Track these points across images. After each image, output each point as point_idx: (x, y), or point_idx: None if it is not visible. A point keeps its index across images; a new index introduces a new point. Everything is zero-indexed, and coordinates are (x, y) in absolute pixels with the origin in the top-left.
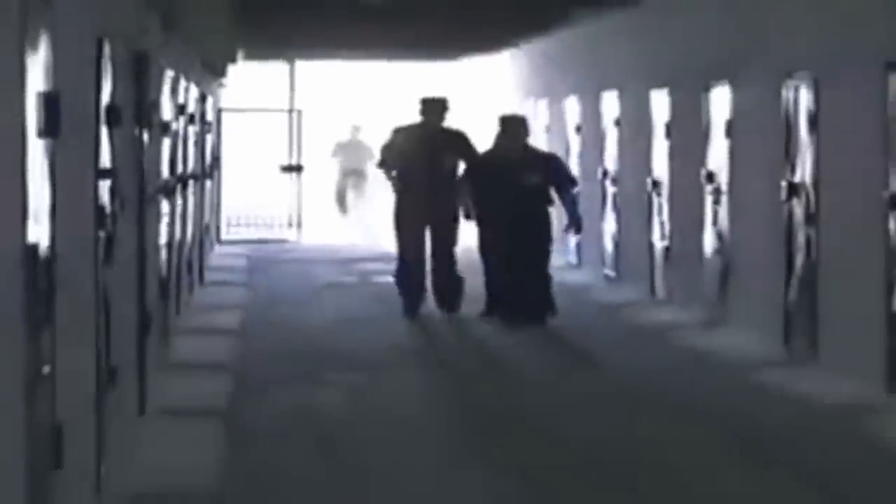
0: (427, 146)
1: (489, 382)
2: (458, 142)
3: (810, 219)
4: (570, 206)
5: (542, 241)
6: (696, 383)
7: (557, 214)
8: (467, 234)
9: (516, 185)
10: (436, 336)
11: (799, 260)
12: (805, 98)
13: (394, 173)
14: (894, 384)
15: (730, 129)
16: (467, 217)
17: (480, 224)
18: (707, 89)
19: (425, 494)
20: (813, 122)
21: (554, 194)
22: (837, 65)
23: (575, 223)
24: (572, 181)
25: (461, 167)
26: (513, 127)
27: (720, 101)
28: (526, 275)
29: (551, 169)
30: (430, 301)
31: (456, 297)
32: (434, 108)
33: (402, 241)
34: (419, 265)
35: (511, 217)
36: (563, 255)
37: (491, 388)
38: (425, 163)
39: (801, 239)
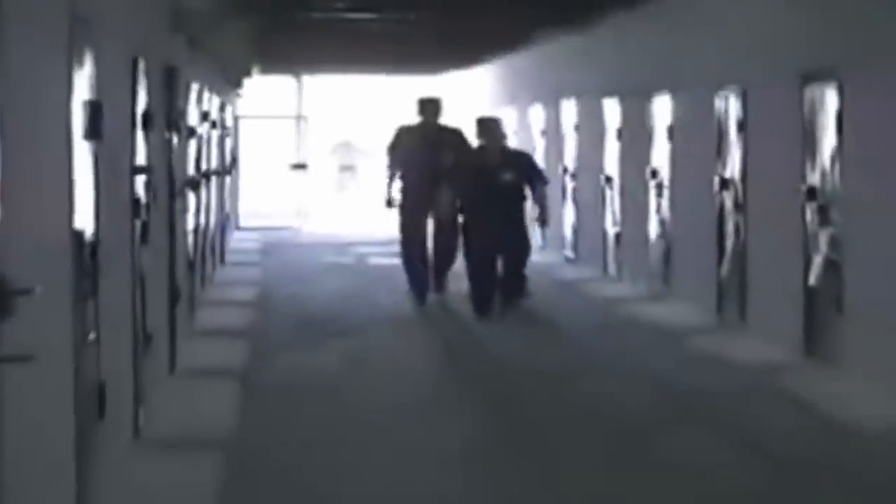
0: (428, 142)
1: (466, 342)
2: (456, 137)
3: (738, 208)
4: (540, 200)
5: (519, 232)
6: (639, 346)
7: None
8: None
9: (494, 181)
10: (421, 307)
11: (729, 242)
12: (734, 106)
13: (398, 171)
14: (810, 347)
15: (671, 133)
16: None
17: (464, 216)
18: (651, 98)
19: (414, 430)
20: (741, 126)
21: (527, 190)
22: (761, 78)
23: (543, 216)
24: (543, 179)
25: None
26: (489, 128)
27: (662, 108)
28: (505, 263)
29: (525, 167)
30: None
31: (444, 277)
32: (431, 107)
33: (406, 231)
34: (422, 253)
35: (490, 210)
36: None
37: (467, 347)
38: (427, 158)
39: (730, 225)
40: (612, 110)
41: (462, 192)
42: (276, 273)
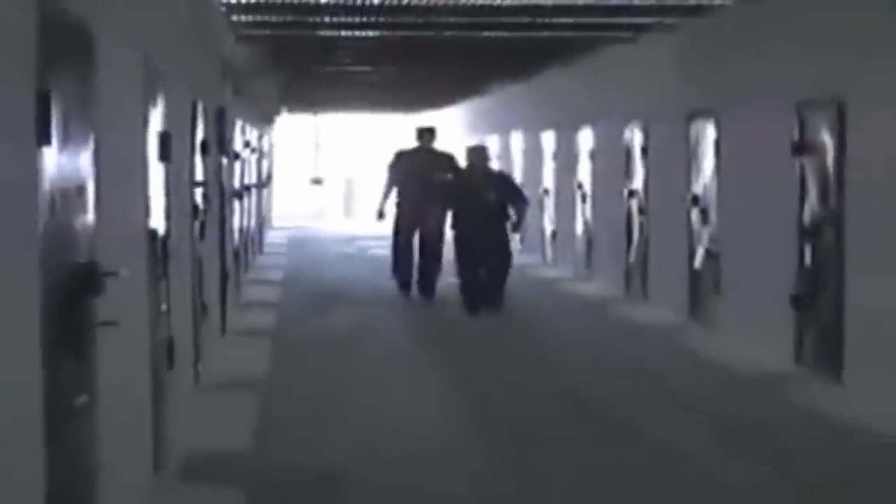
0: (423, 164)
1: (443, 311)
2: (447, 161)
3: (642, 211)
4: (518, 215)
5: (502, 247)
6: (570, 313)
7: None
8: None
9: (479, 200)
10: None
11: (635, 237)
12: (638, 136)
13: (395, 188)
14: (694, 313)
15: (592, 156)
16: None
17: (454, 231)
18: (577, 130)
19: (402, 368)
20: (643, 151)
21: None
22: (658, 115)
23: (518, 225)
24: (523, 199)
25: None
26: (477, 154)
27: (586, 138)
28: (488, 272)
29: (507, 188)
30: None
31: (432, 289)
32: (427, 134)
33: (398, 241)
34: (409, 251)
35: (476, 225)
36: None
37: (444, 315)
38: (422, 177)
39: (636, 224)
40: (548, 139)
41: (451, 209)
42: (299, 260)
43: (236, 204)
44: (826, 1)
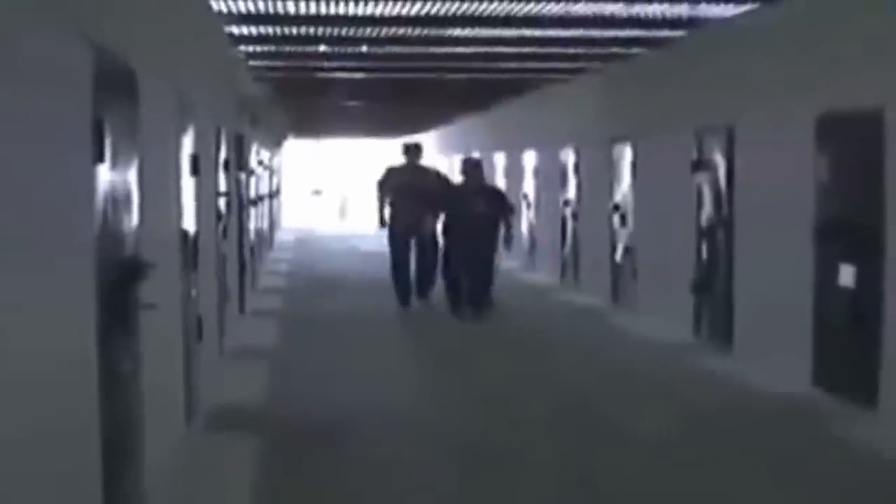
0: (412, 179)
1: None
2: (434, 177)
3: (575, 216)
4: (507, 229)
5: (488, 256)
6: (518, 296)
7: None
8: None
9: (470, 211)
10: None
11: (569, 237)
12: (571, 157)
13: (388, 200)
14: (616, 298)
15: (535, 173)
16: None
17: (444, 239)
18: (523, 152)
19: (387, 339)
20: (576, 168)
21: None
22: (587, 141)
23: (507, 237)
24: (511, 211)
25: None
26: (472, 167)
27: (530, 158)
28: (474, 276)
29: (497, 201)
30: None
31: (429, 288)
32: (414, 150)
33: (394, 251)
34: (406, 268)
35: (466, 235)
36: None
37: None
38: (411, 192)
39: (570, 226)
40: (500, 159)
41: (444, 216)
42: (303, 255)
43: (252, 210)
44: (719, 51)
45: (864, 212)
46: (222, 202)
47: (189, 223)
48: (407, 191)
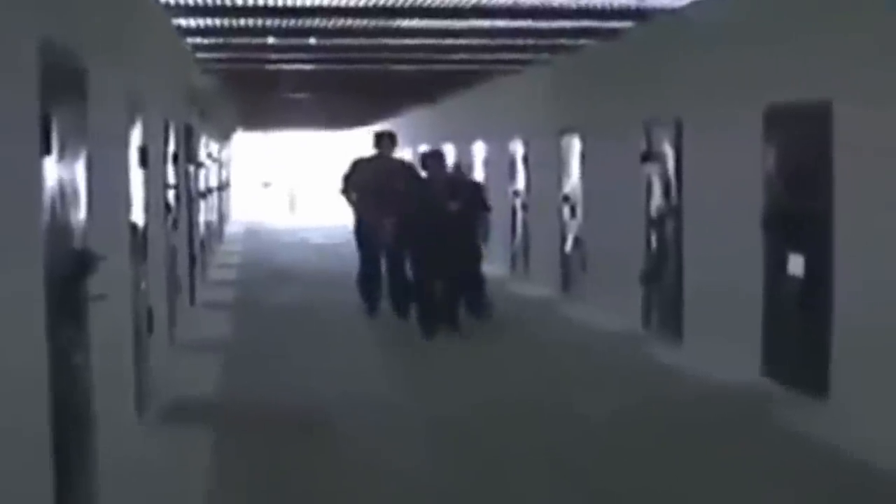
0: (381, 174)
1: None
2: (406, 171)
3: (525, 207)
4: (482, 226)
5: (468, 258)
6: None
7: None
8: None
9: (440, 211)
10: (350, 267)
11: (519, 228)
12: (520, 148)
13: (354, 197)
14: (566, 288)
15: (485, 164)
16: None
17: (411, 245)
18: (472, 143)
19: (340, 330)
20: (525, 160)
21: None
22: (536, 132)
23: (482, 236)
24: (486, 206)
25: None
26: (432, 160)
27: (479, 150)
28: (450, 286)
29: (472, 195)
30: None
31: (407, 298)
32: (385, 140)
33: (363, 255)
34: (377, 272)
35: (436, 238)
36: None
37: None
38: (380, 187)
39: (520, 217)
40: (450, 151)
41: (408, 222)
42: (252, 247)
43: (201, 203)
44: (667, 43)
45: (812, 202)
46: (171, 194)
47: (138, 215)
48: (374, 188)
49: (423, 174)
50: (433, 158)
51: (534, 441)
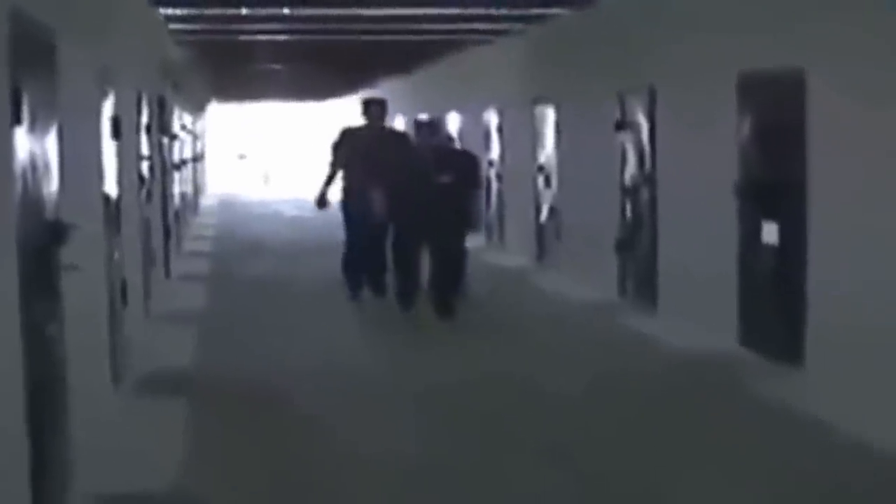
0: (373, 144)
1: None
2: (400, 141)
3: (499, 178)
4: (473, 203)
5: (454, 233)
6: None
7: None
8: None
9: (430, 183)
10: (324, 239)
11: (493, 198)
12: (495, 118)
13: (342, 170)
14: (540, 258)
15: (460, 134)
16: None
17: (395, 217)
18: (447, 114)
19: (312, 301)
20: (499, 129)
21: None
22: (510, 102)
23: (474, 218)
24: (477, 182)
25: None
26: (426, 133)
27: (454, 120)
28: (439, 262)
29: (466, 168)
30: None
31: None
32: (375, 108)
33: (350, 234)
34: (361, 257)
35: (422, 211)
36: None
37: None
38: (371, 159)
39: (494, 188)
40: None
41: (395, 194)
42: (227, 219)
43: (175, 175)
44: (640, 11)
45: (786, 170)
46: (145, 166)
47: (111, 187)
48: (363, 159)
49: (417, 144)
50: (427, 128)
51: (510, 414)
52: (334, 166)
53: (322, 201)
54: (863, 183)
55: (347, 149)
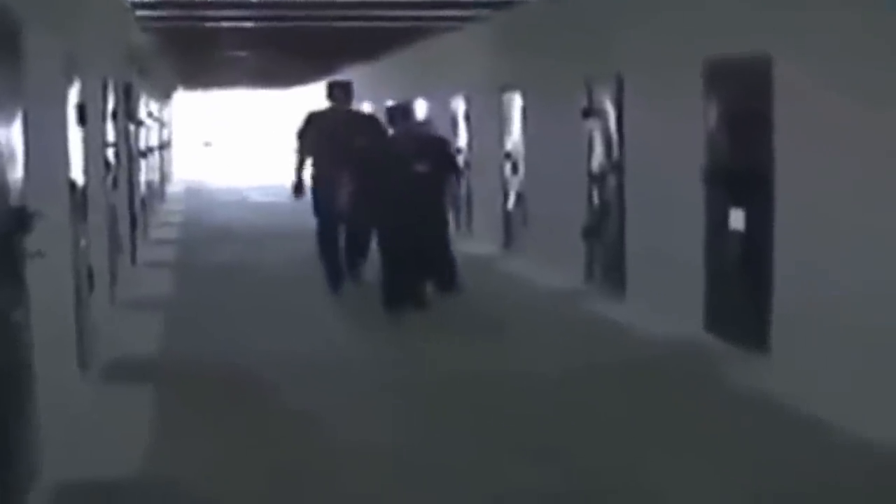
0: (340, 128)
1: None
2: (369, 124)
3: (467, 165)
4: (451, 189)
5: (435, 222)
6: None
7: None
8: None
9: (406, 171)
10: (290, 224)
11: (464, 187)
12: (462, 105)
13: (309, 159)
14: (507, 245)
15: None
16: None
17: (371, 208)
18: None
19: (280, 287)
20: (466, 116)
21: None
22: (478, 89)
23: (452, 206)
24: (456, 168)
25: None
26: (402, 115)
27: (421, 106)
28: (418, 256)
29: (441, 155)
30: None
31: (362, 263)
32: (339, 91)
33: (321, 223)
34: (335, 238)
35: (401, 201)
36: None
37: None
38: (339, 144)
39: (465, 176)
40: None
41: (369, 184)
42: (194, 206)
43: (142, 162)
44: (607, 1)
45: (753, 156)
46: (111, 153)
47: (77, 173)
48: (331, 145)
49: (390, 131)
50: (400, 113)
51: (480, 403)
52: (301, 153)
53: (298, 188)
54: (829, 170)
55: (314, 133)
